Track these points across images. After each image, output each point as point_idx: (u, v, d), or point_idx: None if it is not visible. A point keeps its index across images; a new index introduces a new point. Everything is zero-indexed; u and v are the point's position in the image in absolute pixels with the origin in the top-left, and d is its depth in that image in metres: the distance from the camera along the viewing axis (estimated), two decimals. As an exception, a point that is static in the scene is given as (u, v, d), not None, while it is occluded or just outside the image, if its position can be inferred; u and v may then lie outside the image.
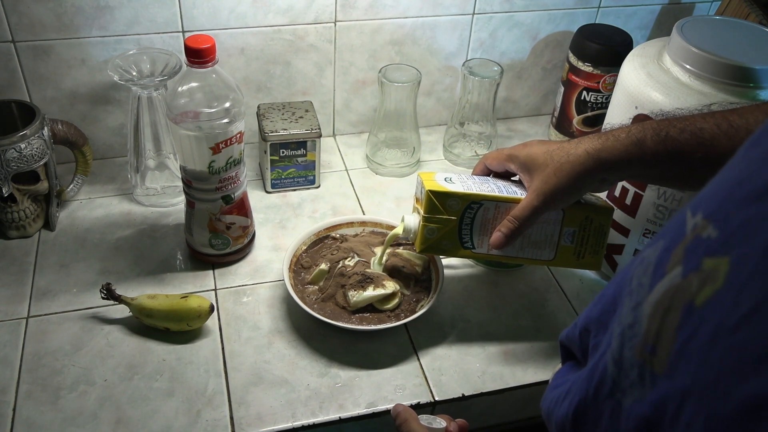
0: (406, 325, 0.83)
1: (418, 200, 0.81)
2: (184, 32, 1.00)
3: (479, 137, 1.13)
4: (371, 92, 1.15)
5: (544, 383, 0.80)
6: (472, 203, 0.77)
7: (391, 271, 0.87)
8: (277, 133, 1.00)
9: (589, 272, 0.95)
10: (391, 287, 0.83)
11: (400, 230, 0.82)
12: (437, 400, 0.78)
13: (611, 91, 1.00)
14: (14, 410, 0.73)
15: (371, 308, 0.83)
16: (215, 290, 0.88)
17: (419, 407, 0.77)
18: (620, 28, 1.12)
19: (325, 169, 1.10)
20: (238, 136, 0.82)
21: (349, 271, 0.85)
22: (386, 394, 0.77)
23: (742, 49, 0.80)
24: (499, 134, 1.17)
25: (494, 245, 0.77)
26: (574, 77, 1.10)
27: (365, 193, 1.07)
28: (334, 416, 0.75)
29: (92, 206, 1.00)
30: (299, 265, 0.89)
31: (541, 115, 1.27)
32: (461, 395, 0.78)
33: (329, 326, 0.81)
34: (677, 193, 0.81)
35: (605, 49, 1.06)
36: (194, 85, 0.79)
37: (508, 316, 0.88)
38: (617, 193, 0.87)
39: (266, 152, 1.01)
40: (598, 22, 1.16)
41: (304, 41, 1.06)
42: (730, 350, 0.30)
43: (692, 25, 0.84)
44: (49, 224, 0.96)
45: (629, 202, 0.86)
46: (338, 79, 1.12)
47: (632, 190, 0.85)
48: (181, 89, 0.79)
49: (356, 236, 0.93)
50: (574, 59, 1.10)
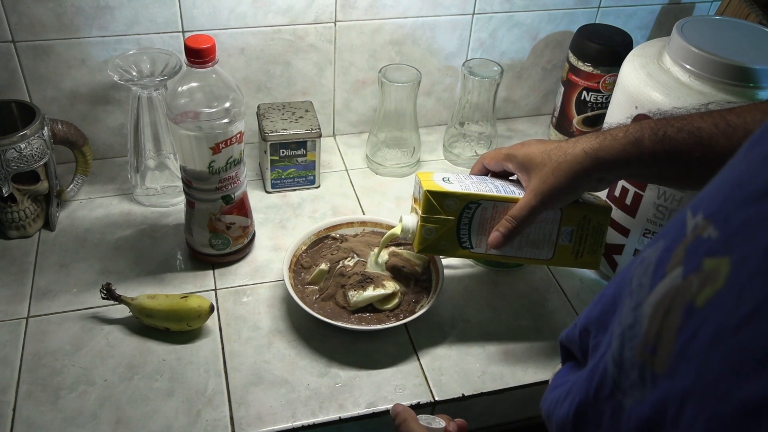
0: (406, 325, 0.83)
1: (416, 200, 0.81)
2: (184, 32, 1.00)
3: (479, 137, 1.13)
4: (371, 92, 1.15)
5: (544, 383, 0.80)
6: (470, 203, 0.77)
7: (391, 271, 0.87)
8: (277, 133, 1.00)
9: (589, 272, 0.95)
10: (391, 287, 0.84)
11: (398, 230, 0.82)
12: (437, 400, 0.78)
13: (611, 91, 1.00)
14: (14, 410, 0.73)
15: (371, 308, 0.83)
16: (215, 290, 0.89)
17: (419, 407, 0.77)
18: (620, 28, 1.12)
19: (325, 169, 1.10)
20: (238, 136, 0.82)
21: (349, 271, 0.85)
22: (386, 394, 0.77)
23: (742, 49, 0.80)
24: (499, 134, 1.17)
25: (492, 245, 0.77)
26: (574, 77, 1.10)
27: (365, 193, 1.07)
28: (334, 416, 0.75)
29: (92, 206, 1.00)
30: (299, 265, 0.89)
31: (541, 115, 1.27)
32: (461, 395, 0.78)
33: (329, 326, 0.81)
34: (677, 193, 0.81)
35: (605, 49, 1.06)
36: (194, 85, 0.79)
37: (508, 316, 0.88)
38: (617, 193, 0.87)
39: (266, 152, 1.01)
40: (598, 22, 1.16)
41: (304, 41, 1.06)
42: (731, 351, 0.30)
43: (692, 25, 0.84)
44: (49, 224, 0.96)
45: (629, 202, 0.86)
46: (338, 79, 1.12)
47: (632, 190, 0.85)
48: (181, 89, 0.79)
49: (356, 236, 0.93)
50: (574, 59, 1.10)
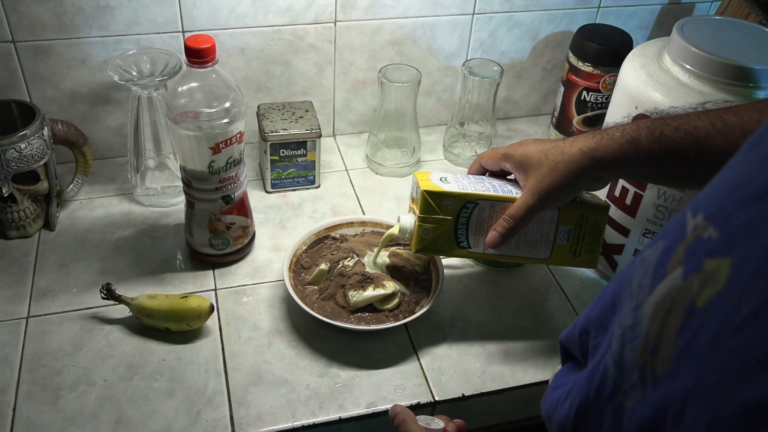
0: (406, 325, 0.83)
1: (413, 200, 0.81)
2: (184, 32, 1.00)
3: (479, 137, 1.13)
4: (371, 92, 1.15)
5: (544, 383, 0.80)
6: (467, 203, 0.77)
7: (391, 271, 0.87)
8: (277, 133, 1.00)
9: (589, 272, 0.95)
10: (391, 287, 0.83)
11: (396, 230, 0.82)
12: (437, 400, 0.78)
13: (611, 91, 1.00)
14: (14, 410, 0.73)
15: (371, 308, 0.83)
16: (215, 290, 0.88)
17: (419, 407, 0.77)
18: (620, 28, 1.12)
19: (325, 169, 1.10)
20: (238, 136, 0.82)
21: (349, 271, 0.85)
22: (386, 394, 0.77)
23: (742, 49, 0.80)
24: (499, 134, 1.17)
25: (490, 244, 0.77)
26: (574, 77, 1.10)
27: (365, 193, 1.07)
28: (334, 416, 0.75)
29: (92, 206, 1.00)
30: (299, 265, 0.89)
31: (541, 115, 1.27)
32: (461, 395, 0.78)
33: (329, 326, 0.81)
34: (677, 193, 0.81)
35: (605, 49, 1.06)
36: (194, 85, 0.79)
37: (508, 316, 0.88)
38: (617, 193, 0.87)
39: (266, 152, 1.01)
40: (598, 22, 1.16)
41: (304, 41, 1.06)
42: (731, 352, 0.30)
43: (692, 25, 0.84)
44: (49, 224, 0.96)
45: (629, 202, 0.86)
46: (338, 79, 1.12)
47: (632, 190, 0.85)
48: (181, 89, 0.79)
49: (356, 236, 0.93)
50: (574, 59, 1.10)
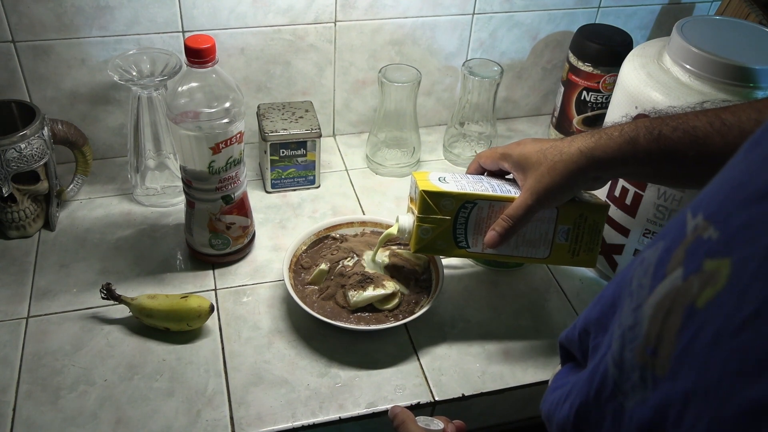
0: (406, 325, 0.83)
1: (412, 200, 0.81)
2: (184, 32, 1.00)
3: (479, 137, 1.13)
4: (371, 92, 1.15)
5: (544, 383, 0.80)
6: (466, 203, 0.77)
7: (391, 271, 0.87)
8: (277, 133, 1.00)
9: (589, 272, 0.95)
10: (391, 287, 0.83)
11: (394, 230, 0.82)
12: (437, 400, 0.77)
13: (611, 91, 1.00)
14: (14, 410, 0.73)
15: (371, 308, 0.83)
16: (215, 290, 0.88)
17: (419, 407, 0.77)
18: (620, 28, 1.12)
19: (325, 169, 1.10)
20: (238, 136, 0.82)
21: (349, 271, 0.85)
22: (386, 394, 0.77)
23: (742, 49, 0.80)
24: (499, 134, 1.17)
25: (489, 244, 0.77)
26: (574, 77, 1.10)
27: (365, 193, 1.07)
28: (334, 416, 0.75)
29: (92, 206, 1.00)
30: (299, 265, 0.89)
31: (541, 115, 1.27)
32: (461, 395, 0.78)
33: (329, 326, 0.81)
34: (677, 193, 0.81)
35: (605, 49, 1.06)
36: (194, 85, 0.79)
37: (508, 316, 0.88)
38: (617, 193, 0.87)
39: (266, 152, 1.01)
40: (598, 22, 1.16)
41: (304, 41, 1.06)
42: (732, 353, 0.30)
43: (692, 25, 0.84)
44: (49, 224, 0.96)
45: (629, 202, 0.86)
46: (338, 79, 1.12)
47: (632, 190, 0.85)
48: (181, 89, 0.79)
49: (356, 236, 0.93)
50: (574, 59, 1.10)
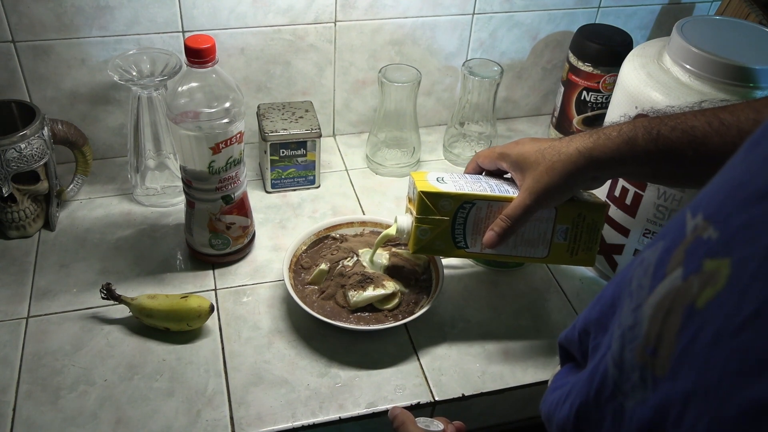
0: (406, 325, 0.83)
1: (410, 200, 0.81)
2: (184, 32, 1.00)
3: (479, 137, 1.13)
4: (371, 92, 1.15)
5: (544, 383, 0.80)
6: (464, 203, 0.77)
7: (391, 271, 0.87)
8: (277, 133, 1.00)
9: (589, 272, 0.95)
10: (391, 287, 0.83)
11: (392, 231, 0.82)
12: (437, 400, 0.77)
13: (611, 91, 1.00)
14: (14, 410, 0.73)
15: (371, 308, 0.83)
16: (215, 290, 0.88)
17: (419, 407, 0.77)
18: (620, 28, 1.12)
19: (325, 169, 1.10)
20: (238, 136, 0.82)
21: (349, 271, 0.85)
22: (386, 394, 0.77)
23: (742, 49, 0.80)
24: (499, 134, 1.17)
25: (487, 244, 0.77)
26: (574, 77, 1.10)
27: (365, 193, 1.07)
28: (334, 416, 0.75)
29: (92, 206, 1.00)
30: (299, 265, 0.89)
31: (541, 115, 1.27)
32: (461, 395, 0.78)
33: (329, 326, 0.81)
34: (677, 193, 0.81)
35: (605, 49, 1.06)
36: (194, 85, 0.79)
37: (508, 316, 0.88)
38: (617, 193, 0.87)
39: (266, 152, 1.01)
40: (598, 22, 1.16)
41: (304, 41, 1.06)
42: (732, 353, 0.30)
43: (692, 25, 0.84)
44: (49, 224, 0.96)
45: (629, 202, 0.86)
46: (338, 79, 1.12)
47: (632, 190, 0.85)
48: (181, 89, 0.79)
49: (356, 236, 0.93)
50: (574, 59, 1.10)
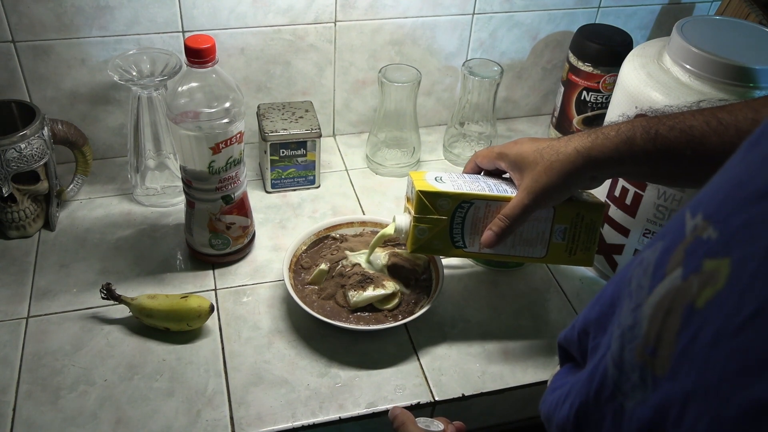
0: (406, 325, 0.83)
1: (409, 200, 0.81)
2: (184, 32, 1.00)
3: (479, 137, 1.13)
4: (371, 92, 1.15)
5: (544, 383, 0.80)
6: (462, 202, 0.77)
7: (390, 271, 0.87)
8: (277, 133, 1.00)
9: (589, 272, 0.95)
10: (391, 287, 0.83)
11: (391, 230, 0.82)
12: (437, 400, 0.77)
13: (611, 91, 1.00)
14: (14, 410, 0.73)
15: (371, 308, 0.83)
16: (215, 290, 0.88)
17: (419, 407, 0.77)
18: (620, 28, 1.12)
19: (325, 169, 1.10)
20: (238, 136, 0.82)
21: (349, 271, 0.85)
22: (386, 394, 0.77)
23: (742, 49, 0.80)
24: (499, 134, 1.17)
25: (485, 244, 0.77)
26: (574, 77, 1.10)
27: (365, 193, 1.07)
28: (334, 416, 0.75)
29: (92, 206, 1.00)
30: (299, 265, 0.89)
31: (541, 115, 1.27)
32: (461, 395, 0.78)
33: (329, 326, 0.81)
34: (677, 192, 0.81)
35: (605, 49, 1.06)
36: (194, 85, 0.79)
37: (508, 316, 0.88)
38: (617, 193, 0.87)
39: (266, 152, 1.01)
40: (598, 22, 1.16)
41: (304, 41, 1.06)
42: (732, 353, 0.30)
43: (692, 25, 0.84)
44: (49, 224, 0.96)
45: (629, 202, 0.86)
46: (338, 79, 1.12)
47: (632, 190, 0.85)
48: (181, 89, 0.79)
49: (356, 236, 0.93)
50: (574, 59, 1.10)
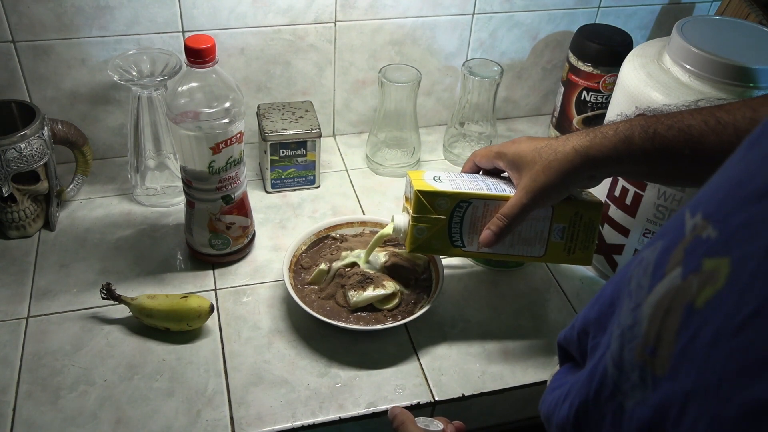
0: (406, 325, 0.83)
1: (407, 199, 0.81)
2: (184, 32, 1.00)
3: (479, 137, 1.13)
4: (371, 92, 1.15)
5: (543, 383, 0.80)
6: (461, 202, 0.77)
7: (390, 271, 0.87)
8: (277, 133, 1.00)
9: (589, 272, 0.95)
10: (391, 287, 0.83)
11: (389, 230, 0.82)
12: (437, 400, 0.77)
13: (611, 91, 1.00)
14: (14, 410, 0.73)
15: (371, 308, 0.83)
16: (215, 290, 0.88)
17: (419, 407, 0.77)
18: (620, 28, 1.12)
19: (325, 169, 1.10)
20: (238, 136, 0.82)
21: (349, 271, 0.85)
22: (386, 394, 0.77)
23: (742, 49, 0.80)
24: (499, 134, 1.17)
25: (484, 243, 0.77)
26: (574, 77, 1.10)
27: (365, 193, 1.07)
28: (334, 416, 0.75)
29: (92, 206, 1.00)
30: (299, 265, 0.89)
31: (541, 115, 1.27)
32: (461, 395, 0.78)
33: (329, 326, 0.81)
34: (677, 192, 0.81)
35: (605, 49, 1.06)
36: (194, 85, 0.79)
37: (508, 316, 0.88)
38: (617, 192, 0.87)
39: (266, 152, 1.01)
40: (598, 22, 1.16)
41: (304, 41, 1.06)
42: (732, 352, 0.30)
43: (692, 25, 0.84)
44: (49, 224, 0.96)
45: (629, 202, 0.86)
46: (338, 79, 1.12)
47: (632, 190, 0.85)
48: (181, 89, 0.79)
49: (356, 236, 0.93)
50: (574, 59, 1.10)
